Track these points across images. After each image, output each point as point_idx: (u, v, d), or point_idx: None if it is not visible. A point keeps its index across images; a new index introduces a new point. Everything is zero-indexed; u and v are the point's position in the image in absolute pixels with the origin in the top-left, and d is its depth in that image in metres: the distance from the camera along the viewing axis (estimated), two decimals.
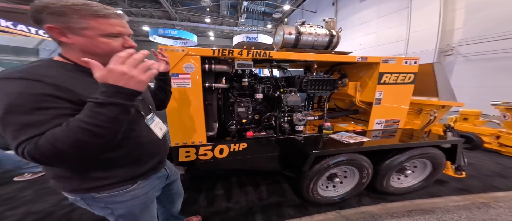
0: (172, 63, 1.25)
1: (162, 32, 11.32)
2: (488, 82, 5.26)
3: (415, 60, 1.74)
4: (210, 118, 1.56)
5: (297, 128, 1.67)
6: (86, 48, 0.58)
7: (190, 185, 1.99)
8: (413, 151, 1.56)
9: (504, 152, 2.74)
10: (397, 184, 1.77)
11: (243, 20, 13.81)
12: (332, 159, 1.42)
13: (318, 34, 1.62)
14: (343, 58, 1.62)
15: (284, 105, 1.56)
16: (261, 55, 1.40)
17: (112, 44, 0.60)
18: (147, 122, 0.74)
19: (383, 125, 1.88)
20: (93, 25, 0.56)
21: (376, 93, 1.74)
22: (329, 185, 1.67)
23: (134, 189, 0.72)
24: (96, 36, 0.57)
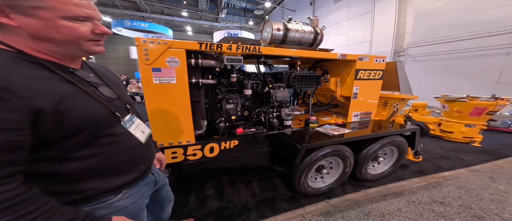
0: (153, 57, 1.13)
1: (129, 24, 10.08)
2: (430, 78, 6.33)
3: (383, 59, 1.96)
4: (198, 115, 1.47)
5: (286, 123, 1.72)
6: (41, 33, 0.46)
7: (178, 188, 1.86)
8: (384, 140, 1.77)
9: (444, 137, 3.35)
10: (372, 171, 1.98)
11: (223, 16, 13.37)
12: (320, 151, 1.51)
13: (304, 31, 1.68)
14: (326, 55, 1.72)
15: (274, 101, 1.57)
16: (251, 51, 1.37)
17: (78, 29, 0.49)
18: (124, 124, 0.63)
19: (359, 117, 2.07)
20: (52, 3, 0.44)
21: (354, 88, 1.91)
22: (317, 177, 1.78)
23: (120, 199, 0.63)
24: (55, 18, 0.45)
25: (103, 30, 0.54)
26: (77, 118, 0.49)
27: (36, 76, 0.45)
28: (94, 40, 0.53)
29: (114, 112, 0.60)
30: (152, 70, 1.15)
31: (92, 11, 0.51)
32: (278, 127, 1.74)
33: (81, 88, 0.53)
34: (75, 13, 0.47)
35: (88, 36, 0.51)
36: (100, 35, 0.54)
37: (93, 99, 0.55)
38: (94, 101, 0.55)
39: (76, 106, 0.49)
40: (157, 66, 1.16)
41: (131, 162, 0.65)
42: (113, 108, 0.60)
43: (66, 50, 0.51)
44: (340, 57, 1.75)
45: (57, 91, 0.47)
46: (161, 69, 1.17)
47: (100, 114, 0.55)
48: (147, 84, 1.16)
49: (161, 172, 0.92)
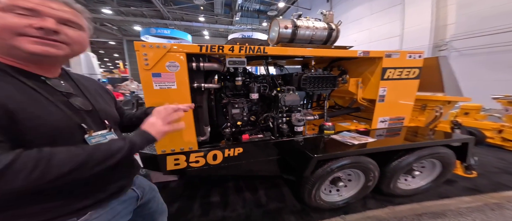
0: (152, 62, 1.10)
1: (155, 32, 11.00)
2: (484, 75, 5.27)
3: (419, 54, 1.64)
4: (200, 121, 1.42)
5: (297, 129, 1.55)
6: None
7: (184, 193, 1.85)
8: (422, 151, 1.46)
9: (507, 147, 2.69)
10: (404, 186, 1.67)
11: (237, 19, 13.61)
12: (336, 162, 1.31)
13: (316, 28, 1.50)
14: (343, 53, 1.51)
15: (282, 105, 1.43)
16: (255, 51, 1.26)
17: (6, 19, 0.42)
18: (89, 139, 0.55)
19: (387, 123, 1.77)
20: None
21: (380, 90, 1.63)
22: (332, 189, 1.56)
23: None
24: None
25: (44, 25, 0.45)
26: (31, 128, 0.45)
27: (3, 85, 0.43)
28: (32, 36, 0.45)
29: (80, 124, 0.54)
30: (152, 75, 1.12)
31: (40, 6, 0.45)
32: (287, 133, 1.59)
33: (45, 96, 0.49)
34: (13, 3, 0.42)
35: (20, 29, 0.43)
36: (42, 32, 0.45)
37: (57, 108, 0.50)
38: (58, 111, 0.50)
39: (34, 115, 0.45)
40: (157, 71, 1.13)
41: (98, 181, 0.58)
42: (80, 120, 0.54)
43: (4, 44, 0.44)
44: (361, 55, 1.51)
45: (16, 98, 0.43)
46: (161, 74, 1.14)
47: (62, 124, 0.50)
48: (147, 90, 1.14)
49: (148, 184, 0.85)
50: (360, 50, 1.51)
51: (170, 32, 11.21)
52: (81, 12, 0.55)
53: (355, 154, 1.33)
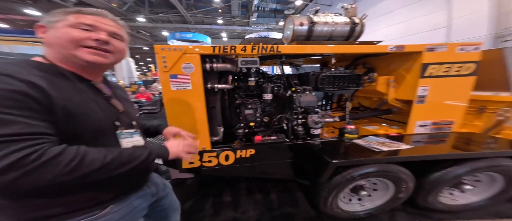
0: (170, 64, 1.16)
1: (179, 36, 11.83)
2: None
3: (476, 46, 1.35)
4: (214, 122, 1.44)
5: (313, 132, 1.45)
6: (48, 40, 0.54)
7: (198, 191, 1.92)
8: (478, 163, 1.21)
9: None
10: (448, 201, 1.42)
11: (254, 19, 13.67)
12: (358, 169, 1.18)
13: (336, 23, 1.38)
14: (370, 48, 1.35)
15: (297, 106, 1.35)
16: (268, 50, 1.22)
17: (71, 33, 0.54)
18: (118, 134, 0.63)
19: (428, 128, 1.52)
20: (68, 17, 0.54)
21: (419, 89, 1.41)
22: (352, 198, 1.42)
23: (107, 214, 0.60)
24: (63, 27, 0.53)
25: (99, 37, 0.56)
26: (81, 124, 0.53)
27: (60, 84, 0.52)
28: (89, 47, 0.56)
29: (114, 122, 0.63)
30: (170, 77, 1.18)
31: (96, 22, 0.56)
32: (303, 136, 1.50)
33: (94, 99, 0.59)
34: (79, 21, 0.54)
35: (81, 41, 0.54)
36: (97, 42, 0.56)
37: (101, 108, 0.60)
38: (101, 111, 0.60)
39: (84, 113, 0.54)
40: (174, 72, 1.18)
41: (119, 177, 0.60)
42: (115, 118, 0.64)
43: (62, 56, 0.55)
44: (394, 50, 1.33)
45: (74, 99, 0.53)
46: (177, 75, 1.19)
47: (103, 122, 0.59)
48: (166, 91, 1.20)
49: (162, 181, 0.90)
50: (392, 45, 1.33)
51: (192, 36, 11.92)
52: (123, 26, 0.67)
53: (383, 162, 1.18)
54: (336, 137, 1.54)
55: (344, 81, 1.45)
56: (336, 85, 1.44)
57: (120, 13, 11.00)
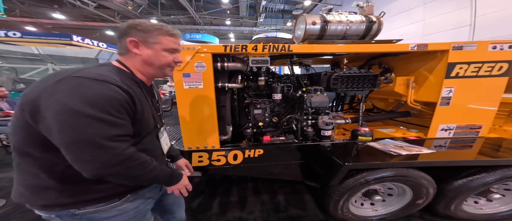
0: (183, 62, 1.18)
1: (189, 37, 12.13)
2: None
3: (510, 44, 1.25)
4: (223, 121, 1.45)
5: (324, 133, 1.42)
6: (150, 59, 0.65)
7: (205, 189, 1.93)
8: (510, 171, 1.13)
9: None
10: (472, 209, 1.33)
11: (262, 20, 13.68)
12: (373, 173, 1.13)
13: (351, 22, 1.34)
14: (389, 47, 1.29)
15: (307, 106, 1.33)
16: (279, 50, 1.21)
17: (168, 57, 0.67)
18: (160, 134, 0.76)
19: (452, 132, 1.43)
20: (163, 41, 0.65)
21: (443, 90, 1.33)
22: (365, 202, 1.37)
23: (123, 203, 0.65)
24: (160, 50, 0.65)
25: (180, 59, 0.71)
26: (142, 124, 0.64)
27: (140, 94, 0.65)
28: (172, 67, 0.71)
29: (157, 124, 0.74)
30: (183, 75, 1.20)
31: (178, 46, 0.70)
32: (313, 137, 1.47)
33: (150, 104, 0.71)
34: (171, 46, 0.67)
35: (171, 64, 0.69)
36: (176, 63, 0.71)
37: (152, 112, 0.71)
38: (152, 114, 0.71)
39: (145, 116, 0.65)
40: (187, 71, 1.20)
41: None
42: (157, 121, 0.74)
43: (156, 73, 0.70)
44: (415, 49, 1.27)
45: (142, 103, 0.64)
46: (190, 74, 1.21)
47: (151, 123, 0.70)
48: (179, 90, 1.23)
49: None
50: (413, 43, 1.27)
51: (201, 37, 12.18)
52: None
53: (402, 166, 1.12)
54: (347, 139, 1.49)
55: (359, 82, 1.40)
56: (350, 85, 1.40)
57: (134, 15, 11.53)
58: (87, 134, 0.49)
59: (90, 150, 0.49)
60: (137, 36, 0.62)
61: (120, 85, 0.55)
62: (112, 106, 0.52)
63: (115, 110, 0.52)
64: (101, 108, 0.50)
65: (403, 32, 7.73)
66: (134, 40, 0.62)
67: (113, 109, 0.52)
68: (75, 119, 0.48)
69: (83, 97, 0.49)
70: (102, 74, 0.54)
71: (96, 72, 0.54)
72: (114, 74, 0.58)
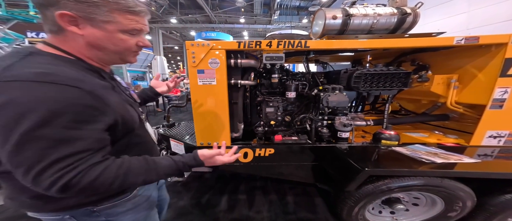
0: (198, 59, 1.19)
1: (204, 36, 12.48)
2: None
3: None
4: (235, 118, 1.45)
5: (340, 135, 1.33)
6: (100, 42, 0.49)
7: (215, 185, 1.97)
8: None
9: None
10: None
11: (276, 17, 13.46)
12: (398, 181, 1.03)
13: (379, 15, 1.21)
14: (427, 42, 1.13)
15: (324, 106, 1.26)
16: (295, 46, 1.15)
17: (129, 41, 0.52)
18: (146, 125, 0.69)
19: (503, 140, 1.25)
20: (119, 19, 0.48)
21: (496, 91, 1.15)
22: (384, 210, 1.27)
23: (135, 196, 0.65)
24: (116, 31, 0.49)
25: (146, 43, 0.57)
26: (127, 122, 0.54)
27: (101, 85, 0.49)
28: (134, 51, 0.57)
29: (140, 115, 0.65)
30: (197, 72, 1.22)
31: (144, 26, 0.54)
32: (328, 138, 1.39)
33: (122, 96, 0.58)
34: (133, 27, 0.51)
35: (133, 48, 0.55)
36: (140, 48, 0.57)
37: (130, 106, 0.59)
38: (131, 107, 0.60)
39: (126, 112, 0.55)
40: (201, 68, 1.21)
41: None
42: (139, 112, 0.66)
43: (111, 59, 0.55)
44: (462, 43, 1.11)
45: (115, 100, 0.51)
46: (204, 70, 1.22)
47: (135, 117, 0.59)
48: (193, 86, 1.25)
49: None
50: (459, 36, 1.10)
51: (216, 35, 12.45)
52: None
53: (434, 175, 1.01)
54: (367, 142, 1.38)
55: (386, 80, 1.26)
56: (375, 84, 1.27)
57: (157, 15, 12.21)
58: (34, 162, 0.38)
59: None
60: (73, 9, 0.43)
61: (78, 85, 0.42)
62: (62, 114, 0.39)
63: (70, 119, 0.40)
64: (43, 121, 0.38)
65: (441, 25, 6.80)
66: (67, 14, 0.43)
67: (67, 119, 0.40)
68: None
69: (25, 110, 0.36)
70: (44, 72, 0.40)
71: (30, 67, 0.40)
72: (60, 66, 0.44)
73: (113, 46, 0.51)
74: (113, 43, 0.50)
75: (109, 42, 0.50)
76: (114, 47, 0.51)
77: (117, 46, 0.51)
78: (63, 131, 0.40)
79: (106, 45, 0.50)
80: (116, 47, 0.51)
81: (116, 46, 0.51)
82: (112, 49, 0.51)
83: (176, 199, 1.74)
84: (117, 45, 0.51)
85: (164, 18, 12.69)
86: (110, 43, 0.50)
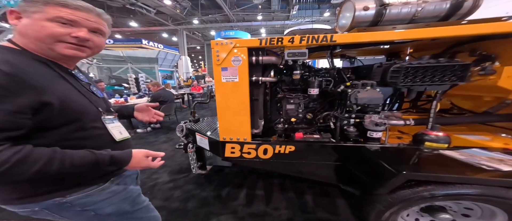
0: (222, 57, 1.24)
1: (224, 34, 12.86)
2: None
3: None
4: (255, 114, 1.47)
5: (371, 135, 1.23)
6: (23, 29, 0.53)
7: (234, 180, 2.04)
8: None
9: None
10: None
11: (295, 12, 12.97)
12: (445, 188, 0.91)
13: (425, 1, 1.06)
14: (495, 27, 0.96)
15: (352, 103, 1.18)
16: (319, 41, 1.10)
17: (51, 29, 0.52)
18: (104, 120, 0.66)
19: None
20: (47, 10, 0.52)
21: None
22: (422, 219, 1.14)
23: (111, 185, 0.67)
24: (41, 19, 0.51)
25: (79, 35, 0.56)
26: (72, 110, 0.56)
27: (42, 72, 0.53)
28: (68, 42, 0.56)
29: (97, 108, 0.65)
30: (221, 69, 1.27)
31: (77, 18, 0.55)
32: (355, 138, 1.30)
33: (75, 86, 0.60)
34: (58, 15, 0.52)
35: (60, 37, 0.54)
36: (76, 39, 0.56)
37: (83, 96, 0.61)
38: (84, 98, 0.61)
39: (72, 100, 0.56)
40: (225, 65, 1.26)
41: None
42: (97, 105, 0.66)
43: (39, 48, 0.54)
44: None
45: (59, 87, 0.54)
46: (227, 68, 1.26)
47: (88, 108, 0.61)
48: (217, 83, 1.31)
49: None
50: None
51: (234, 33, 12.68)
52: (107, 20, 0.65)
53: (500, 184, 0.87)
54: (405, 144, 1.25)
55: (434, 74, 1.08)
56: (419, 79, 1.10)
57: (181, 17, 13.06)
58: None
59: None
60: (20, 7, 0.52)
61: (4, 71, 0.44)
62: None
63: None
64: None
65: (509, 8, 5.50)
66: (12, 10, 0.52)
67: None
68: None
69: None
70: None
71: None
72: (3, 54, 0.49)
73: (34, 32, 0.52)
74: (34, 30, 0.52)
75: (31, 29, 0.52)
76: (35, 33, 0.52)
77: (38, 33, 0.52)
78: None
79: (28, 31, 0.52)
80: (37, 33, 0.52)
81: (37, 32, 0.52)
82: (33, 35, 0.52)
83: (199, 190, 1.87)
84: (38, 32, 0.52)
85: (187, 19, 13.46)
86: (31, 29, 0.52)
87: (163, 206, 1.66)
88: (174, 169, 2.29)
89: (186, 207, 1.64)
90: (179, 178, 2.09)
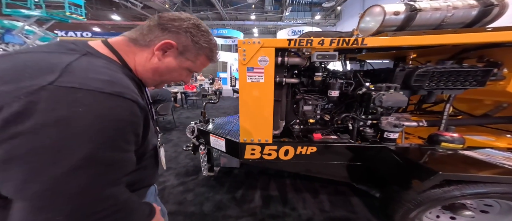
0: (248, 57, 1.21)
1: (216, 32, 12.56)
2: None
3: None
4: (277, 115, 1.46)
5: (388, 136, 1.30)
6: (164, 70, 0.47)
7: (245, 181, 2.01)
8: None
9: None
10: None
11: (287, 14, 13.21)
12: (475, 187, 0.97)
13: (455, 8, 1.13)
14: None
15: (375, 106, 1.23)
16: (350, 44, 1.13)
17: (185, 77, 0.53)
18: (160, 149, 0.60)
19: None
20: (198, 60, 0.50)
21: None
22: (443, 216, 1.22)
23: None
24: (184, 68, 0.49)
25: (187, 81, 0.57)
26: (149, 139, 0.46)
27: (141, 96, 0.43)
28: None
29: (157, 135, 0.58)
30: (247, 69, 1.23)
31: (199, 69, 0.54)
32: (372, 138, 1.37)
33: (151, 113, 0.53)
34: (195, 70, 0.52)
35: (177, 80, 0.55)
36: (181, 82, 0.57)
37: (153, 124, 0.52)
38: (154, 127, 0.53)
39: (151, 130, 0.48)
40: (251, 65, 1.22)
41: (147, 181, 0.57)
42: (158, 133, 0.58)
43: (154, 82, 0.51)
44: None
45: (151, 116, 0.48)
46: (253, 68, 1.23)
47: (155, 137, 0.54)
48: (242, 83, 1.27)
49: None
50: None
51: (227, 32, 12.47)
52: None
53: None
54: (417, 144, 1.34)
55: (457, 78, 1.16)
56: (442, 83, 1.18)
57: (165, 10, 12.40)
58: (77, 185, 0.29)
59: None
60: (181, 43, 0.44)
61: (137, 101, 0.35)
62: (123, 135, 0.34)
63: (125, 141, 0.35)
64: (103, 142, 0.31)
65: None
66: (172, 44, 0.43)
67: (124, 140, 0.34)
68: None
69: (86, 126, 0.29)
70: (111, 80, 0.33)
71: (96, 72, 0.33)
72: (119, 73, 0.37)
73: (169, 76, 0.50)
74: (171, 76, 0.50)
75: (169, 75, 0.49)
76: (170, 77, 0.50)
77: (172, 77, 0.50)
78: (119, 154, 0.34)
79: (165, 75, 0.49)
80: (171, 78, 0.50)
81: (172, 77, 0.50)
82: (167, 78, 0.50)
83: (212, 193, 1.80)
84: (172, 77, 0.50)
85: None
86: (169, 75, 0.49)
87: (179, 210, 1.57)
88: (181, 171, 2.18)
89: (203, 211, 1.57)
90: (188, 181, 1.99)
